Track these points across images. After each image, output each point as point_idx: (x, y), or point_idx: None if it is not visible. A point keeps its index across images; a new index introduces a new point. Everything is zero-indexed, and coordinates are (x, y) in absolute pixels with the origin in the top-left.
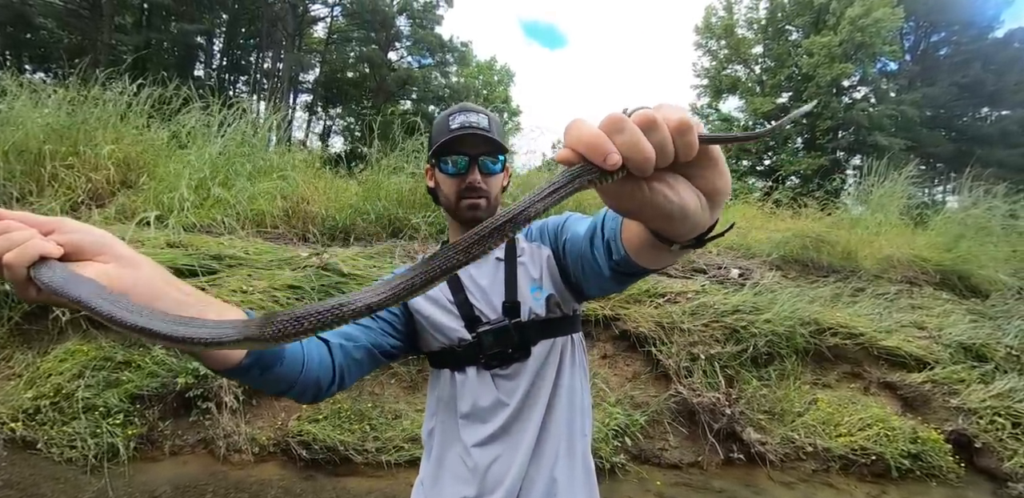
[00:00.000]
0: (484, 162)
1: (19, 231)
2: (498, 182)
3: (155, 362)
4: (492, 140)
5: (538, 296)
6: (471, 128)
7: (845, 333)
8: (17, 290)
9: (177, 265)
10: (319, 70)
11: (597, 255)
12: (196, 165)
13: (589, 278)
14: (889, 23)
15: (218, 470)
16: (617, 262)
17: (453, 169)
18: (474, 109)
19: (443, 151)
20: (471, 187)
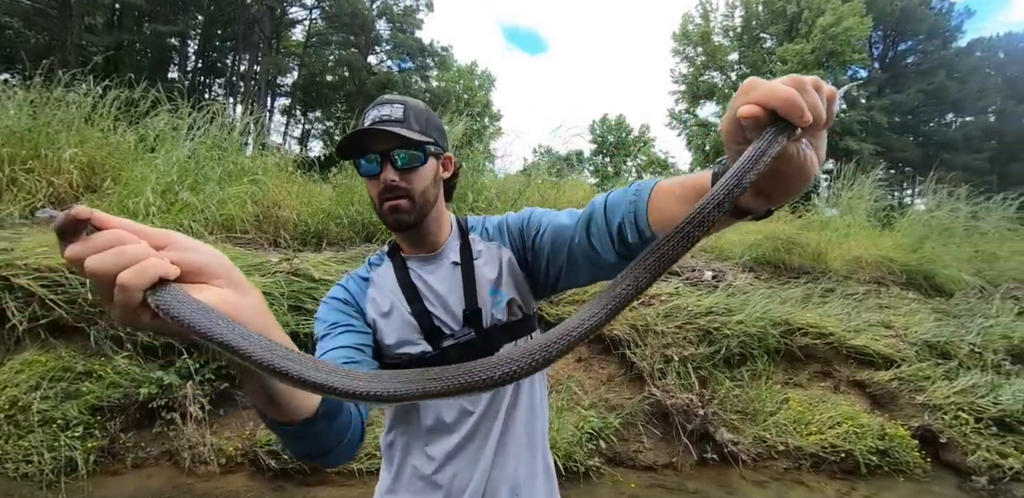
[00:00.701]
0: (398, 157)
1: (133, 245)
2: (424, 177)
3: (117, 372)
4: (403, 135)
5: (498, 300)
6: (380, 122)
7: (815, 333)
8: (121, 314)
9: None
10: (297, 73)
11: (597, 242)
12: (163, 169)
13: (580, 268)
14: (858, 32)
15: (183, 482)
16: (630, 246)
17: (366, 169)
18: (390, 100)
19: (353, 151)
20: (388, 187)
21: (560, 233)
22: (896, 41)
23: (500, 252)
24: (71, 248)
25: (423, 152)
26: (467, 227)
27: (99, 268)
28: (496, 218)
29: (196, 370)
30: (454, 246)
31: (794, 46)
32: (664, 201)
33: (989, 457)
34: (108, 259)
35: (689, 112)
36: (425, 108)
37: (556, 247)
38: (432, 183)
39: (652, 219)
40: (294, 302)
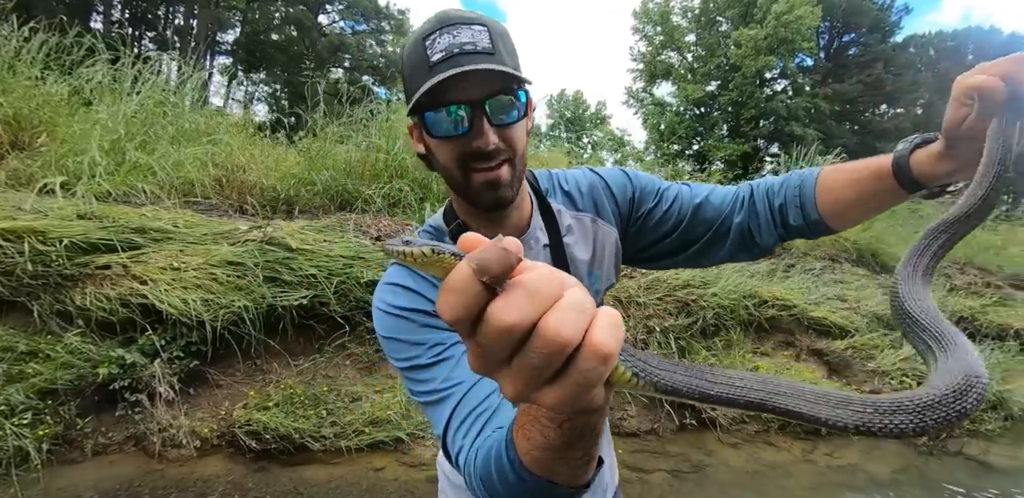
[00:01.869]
0: (497, 109)
1: (582, 291)
2: (522, 132)
3: (69, 351)
4: (500, 74)
5: (592, 282)
6: (463, 55)
7: (780, 305)
8: (573, 396)
9: (91, 239)
10: (240, 30)
11: (763, 223)
12: (109, 125)
13: (713, 249)
14: (809, 21)
15: (153, 468)
16: (790, 228)
17: (449, 128)
18: (463, 19)
19: (429, 102)
20: (480, 154)
21: (706, 209)
22: (841, 33)
23: (596, 228)
24: (509, 307)
25: (525, 98)
26: (539, 190)
27: (571, 336)
28: (578, 177)
29: (163, 347)
30: (539, 223)
31: (748, 31)
32: (832, 185)
33: None
34: (575, 322)
35: (646, 91)
36: (503, 28)
37: (695, 223)
38: (526, 139)
39: (820, 201)
40: (270, 273)
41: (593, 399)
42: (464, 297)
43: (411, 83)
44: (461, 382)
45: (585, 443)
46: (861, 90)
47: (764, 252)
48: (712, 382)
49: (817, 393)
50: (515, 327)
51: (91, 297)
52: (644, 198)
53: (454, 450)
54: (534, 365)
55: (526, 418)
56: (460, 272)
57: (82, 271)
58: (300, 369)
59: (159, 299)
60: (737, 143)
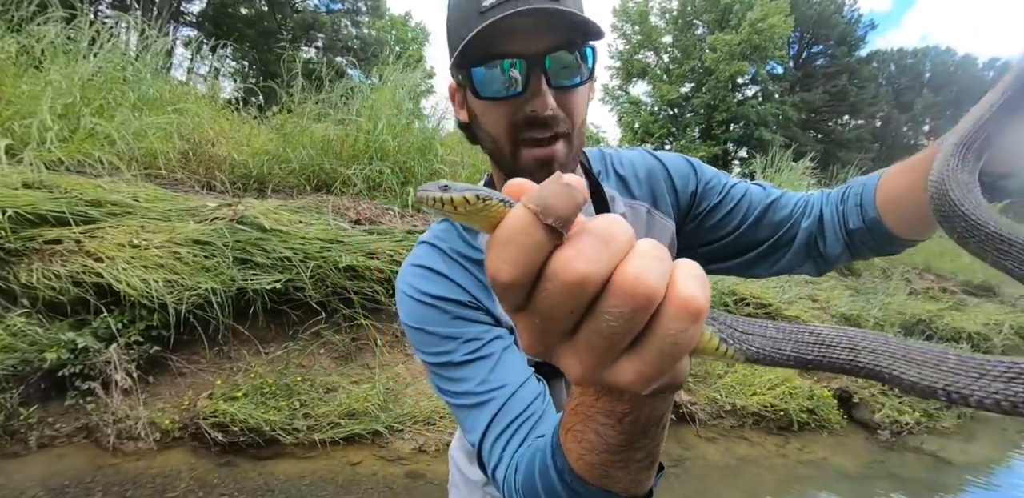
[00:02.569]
0: (559, 66)
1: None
2: (584, 99)
3: (12, 334)
4: (568, 17)
5: None
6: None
7: (757, 303)
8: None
9: (40, 211)
10: (207, 1)
11: (829, 230)
12: (63, 88)
13: (771, 258)
14: (781, 30)
15: (108, 463)
16: (851, 233)
17: (500, 87)
18: None
19: (476, 54)
20: (534, 120)
21: (776, 211)
22: (810, 43)
23: (652, 219)
24: (582, 256)
25: (592, 56)
26: (590, 168)
27: (659, 285)
28: (635, 160)
29: (120, 331)
30: (591, 210)
31: (724, 36)
32: (891, 175)
33: (891, 414)
34: (657, 272)
35: (622, 89)
36: None
37: (761, 225)
38: (587, 106)
39: (879, 198)
40: (241, 254)
41: (678, 373)
42: (523, 249)
43: (456, 33)
44: (503, 386)
45: (649, 441)
46: (827, 100)
47: (829, 263)
48: (812, 343)
49: (966, 361)
50: (588, 279)
51: (38, 274)
52: (708, 193)
53: (491, 462)
54: (610, 330)
55: (576, 417)
56: (516, 218)
57: (28, 245)
58: (271, 357)
59: (116, 279)
60: (708, 145)
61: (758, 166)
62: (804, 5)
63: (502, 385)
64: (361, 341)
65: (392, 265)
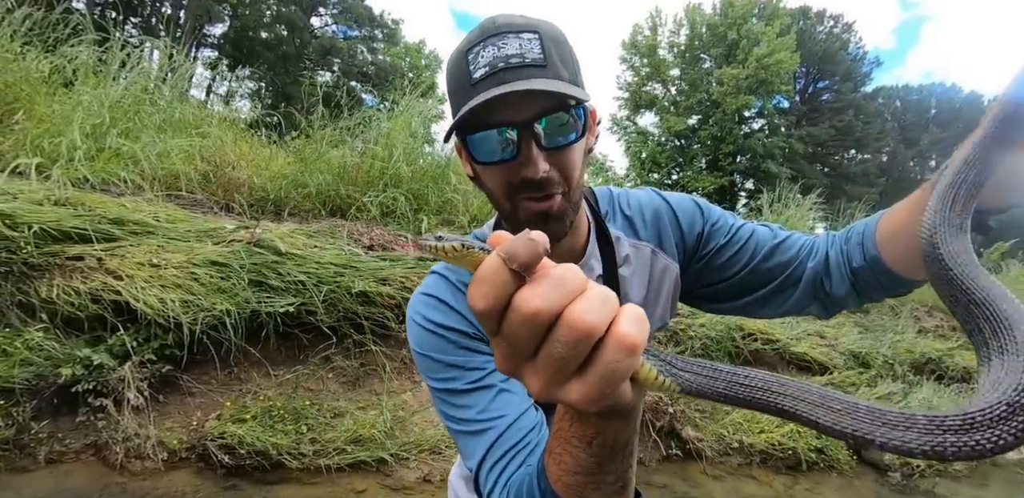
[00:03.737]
0: (550, 130)
1: (611, 298)
2: (579, 155)
3: (29, 348)
4: (554, 90)
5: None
6: (511, 69)
7: (764, 339)
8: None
9: (64, 227)
10: (228, 25)
11: (827, 269)
12: (92, 109)
13: (780, 295)
14: (788, 65)
15: (114, 481)
16: (855, 271)
17: (493, 153)
18: (510, 26)
19: (472, 124)
20: (529, 183)
21: (782, 252)
22: (816, 79)
23: (655, 260)
24: (537, 294)
25: (583, 116)
26: (598, 211)
27: (595, 324)
28: (642, 200)
29: (135, 349)
30: (595, 249)
31: (731, 70)
32: (889, 218)
33: (902, 456)
34: (601, 312)
35: (630, 119)
36: (560, 33)
37: (768, 265)
38: (583, 161)
39: (879, 235)
40: (256, 276)
41: (620, 396)
42: (493, 286)
43: (453, 101)
44: (503, 415)
45: (617, 466)
46: (832, 134)
47: (836, 304)
48: (744, 385)
49: (872, 410)
50: (539, 313)
51: (59, 290)
52: (714, 234)
53: (487, 488)
54: (559, 354)
55: (556, 441)
56: (490, 262)
57: (51, 261)
58: (281, 380)
59: (134, 297)
60: (715, 176)
61: (765, 201)
62: (810, 42)
63: (502, 415)
64: (369, 366)
65: (403, 291)
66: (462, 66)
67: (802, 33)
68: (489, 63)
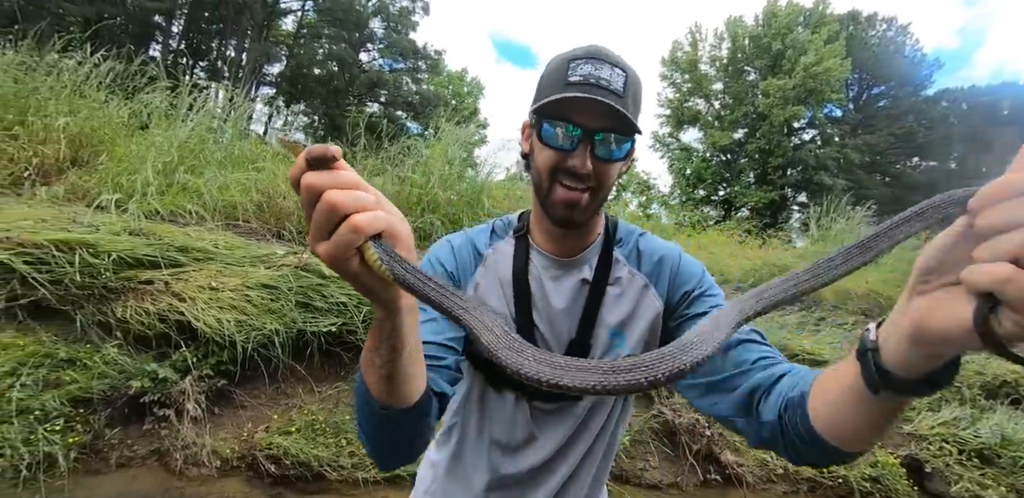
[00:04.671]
0: (604, 143)
1: (367, 194)
2: (615, 172)
3: (105, 362)
4: (622, 118)
5: (616, 344)
6: (597, 87)
7: (811, 360)
8: (335, 252)
9: (138, 255)
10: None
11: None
12: (163, 148)
13: (717, 393)
14: (838, 73)
15: (173, 486)
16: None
17: (557, 140)
18: (608, 58)
19: (551, 111)
20: (572, 172)
21: (745, 350)
22: (870, 85)
23: (645, 295)
24: (314, 175)
25: (630, 146)
26: (614, 235)
27: (340, 203)
28: (658, 245)
29: (195, 364)
30: (593, 258)
31: (776, 81)
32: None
33: (971, 488)
34: (349, 200)
35: (673, 136)
36: (639, 80)
37: (724, 357)
38: (616, 178)
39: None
40: (302, 298)
41: (349, 264)
42: (296, 168)
43: (541, 91)
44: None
45: (383, 352)
46: (892, 142)
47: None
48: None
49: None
50: (311, 187)
51: (132, 310)
52: (698, 301)
53: None
54: (316, 220)
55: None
56: (301, 154)
57: (126, 285)
58: (323, 396)
59: (195, 317)
60: (764, 191)
61: (812, 216)
62: (862, 47)
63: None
64: None
65: None
66: (561, 69)
67: (852, 39)
68: (585, 74)
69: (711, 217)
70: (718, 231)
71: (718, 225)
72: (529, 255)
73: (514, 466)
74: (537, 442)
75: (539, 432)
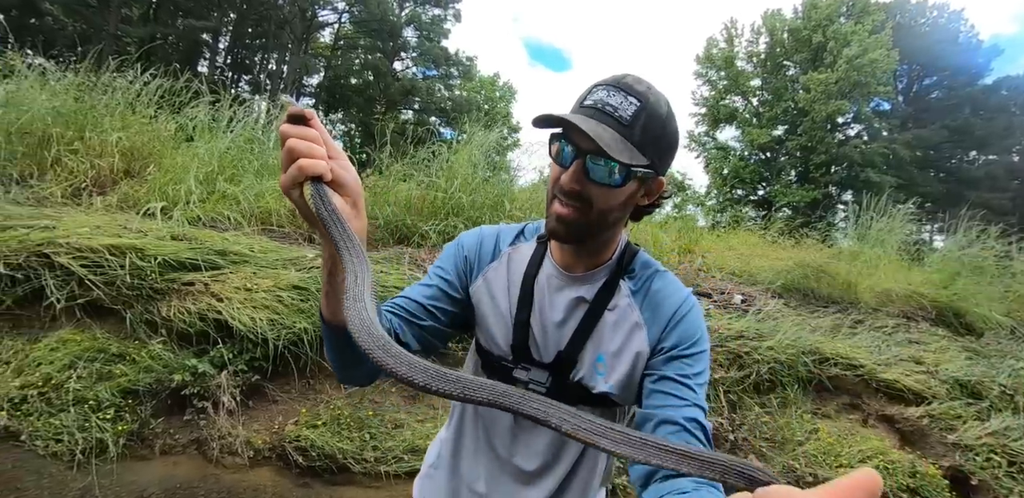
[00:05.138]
0: (592, 165)
1: (320, 148)
2: (614, 197)
3: (151, 356)
4: (601, 141)
5: (601, 369)
6: (602, 113)
7: (845, 364)
8: (285, 181)
9: (181, 258)
10: (323, 75)
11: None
12: (205, 159)
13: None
14: (884, 64)
15: (210, 473)
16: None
17: (557, 156)
18: (629, 88)
19: (553, 123)
20: (561, 188)
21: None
22: (921, 75)
23: (635, 334)
24: (289, 127)
25: (625, 176)
26: (628, 264)
27: (295, 148)
28: (672, 291)
29: (230, 360)
30: (598, 281)
31: (818, 75)
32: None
33: None
34: (303, 146)
35: (709, 135)
36: (665, 113)
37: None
38: (621, 206)
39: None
40: None
41: (292, 194)
42: (280, 121)
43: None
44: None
45: (323, 273)
46: (946, 135)
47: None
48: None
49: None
50: (283, 134)
51: (175, 310)
52: (672, 363)
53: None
54: (281, 159)
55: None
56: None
57: (170, 286)
58: (349, 392)
59: (232, 316)
60: (806, 189)
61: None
62: (910, 36)
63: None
64: None
65: None
66: (584, 92)
67: (900, 28)
68: (596, 100)
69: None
70: (749, 231)
71: (755, 225)
72: (543, 262)
73: (508, 451)
74: (524, 447)
75: (523, 438)
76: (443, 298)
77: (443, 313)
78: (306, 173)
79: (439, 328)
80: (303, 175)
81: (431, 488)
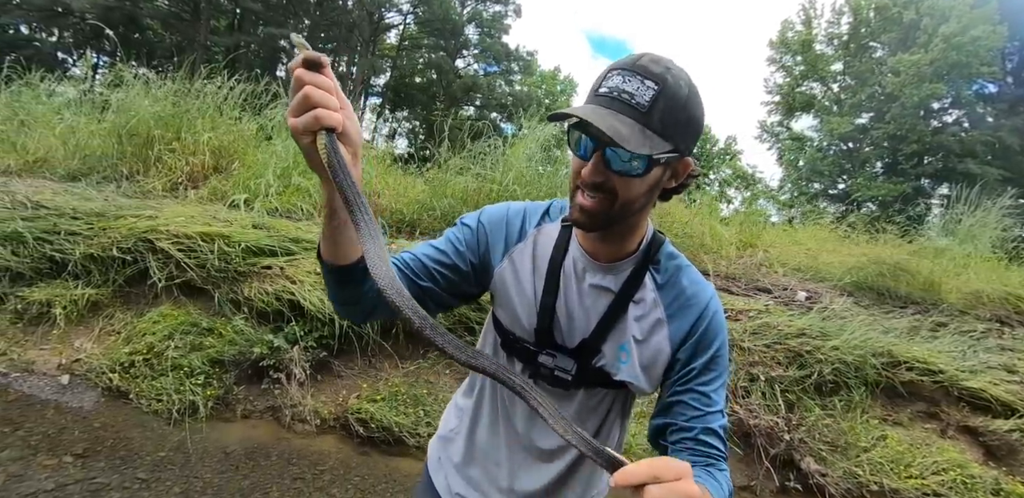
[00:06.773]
0: (613, 156)
1: (335, 99)
2: (639, 186)
3: (235, 331)
4: (614, 134)
5: (624, 358)
6: (619, 101)
7: (922, 369)
8: (298, 125)
9: (260, 245)
10: (389, 75)
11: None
12: (282, 155)
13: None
14: (989, 42)
15: (283, 437)
16: None
17: (577, 149)
18: (645, 71)
19: (575, 121)
20: (585, 182)
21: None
22: None
23: (657, 328)
24: (305, 73)
25: (647, 164)
26: (655, 255)
27: (311, 96)
28: (699, 288)
29: (301, 337)
30: (624, 271)
31: (910, 57)
32: None
33: None
34: (319, 96)
35: (782, 124)
36: (686, 94)
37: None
38: (646, 193)
39: None
40: None
41: (302, 139)
42: (295, 62)
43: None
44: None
45: (323, 216)
46: None
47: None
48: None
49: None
50: (298, 78)
51: (255, 291)
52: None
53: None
54: (294, 102)
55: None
56: (299, 56)
57: (251, 269)
58: (406, 371)
59: (303, 297)
60: (894, 182)
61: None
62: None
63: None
64: None
65: None
66: (599, 78)
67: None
68: (610, 87)
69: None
70: (818, 225)
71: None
72: (568, 247)
73: (526, 427)
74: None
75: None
76: (448, 265)
77: (444, 279)
78: (322, 124)
79: (437, 292)
80: (319, 125)
81: (447, 452)
